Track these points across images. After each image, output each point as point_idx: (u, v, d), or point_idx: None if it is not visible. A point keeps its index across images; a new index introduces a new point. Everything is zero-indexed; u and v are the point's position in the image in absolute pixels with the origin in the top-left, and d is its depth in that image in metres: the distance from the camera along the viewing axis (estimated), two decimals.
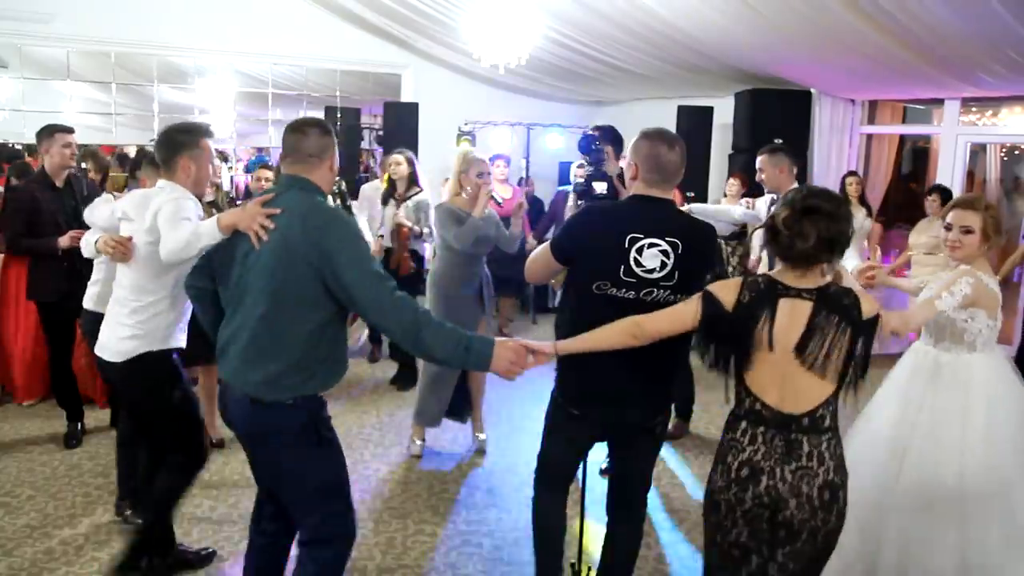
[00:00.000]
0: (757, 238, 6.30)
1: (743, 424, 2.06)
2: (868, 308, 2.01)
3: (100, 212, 3.25)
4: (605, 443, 2.76)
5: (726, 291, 2.06)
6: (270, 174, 5.34)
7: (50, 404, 4.90)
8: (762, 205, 4.55)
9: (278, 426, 2.26)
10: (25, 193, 4.32)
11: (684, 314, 2.12)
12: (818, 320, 1.97)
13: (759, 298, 2.01)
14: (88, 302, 3.50)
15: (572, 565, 2.97)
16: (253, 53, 8.32)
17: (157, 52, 8.01)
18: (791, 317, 1.99)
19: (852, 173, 6.93)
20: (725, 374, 2.10)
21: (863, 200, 6.66)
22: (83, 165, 5.09)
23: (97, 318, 3.11)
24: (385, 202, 5.62)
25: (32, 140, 7.13)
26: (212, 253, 2.43)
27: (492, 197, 4.20)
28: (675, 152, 2.45)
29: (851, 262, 3.88)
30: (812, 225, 1.94)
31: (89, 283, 3.51)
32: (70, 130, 4.33)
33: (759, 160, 4.21)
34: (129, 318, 2.87)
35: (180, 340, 3.01)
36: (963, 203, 2.88)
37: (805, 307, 1.99)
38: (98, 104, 8.40)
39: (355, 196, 6.39)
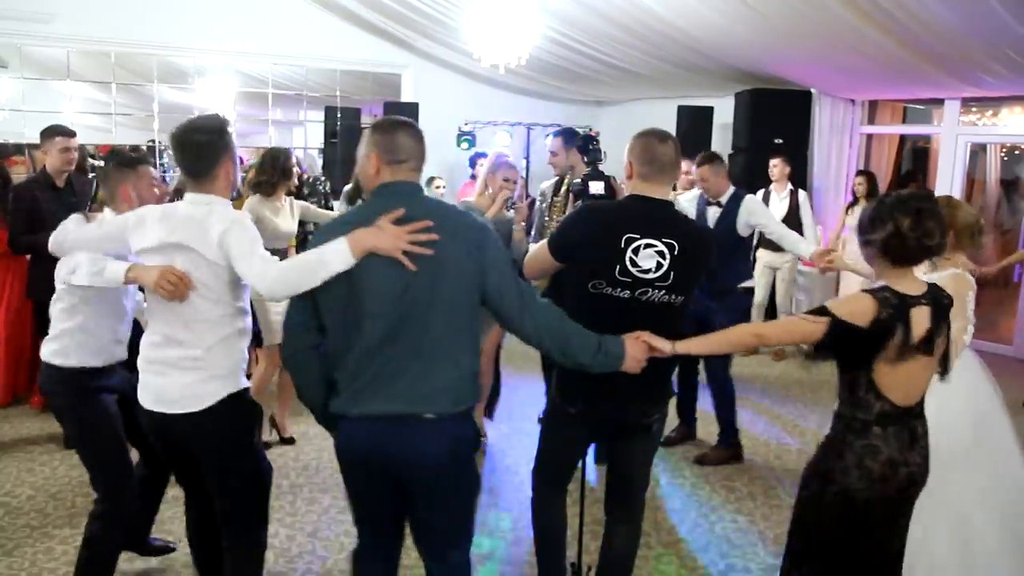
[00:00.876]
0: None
1: (875, 429, 2.19)
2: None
3: (84, 236, 2.56)
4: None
5: (858, 309, 2.13)
6: None
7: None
8: (685, 201, 4.60)
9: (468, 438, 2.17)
10: (26, 192, 4.37)
11: (809, 333, 2.17)
12: (938, 321, 2.18)
13: (896, 313, 2.13)
14: (56, 357, 2.73)
15: (572, 565, 2.97)
16: (253, 53, 8.32)
17: (157, 52, 8.01)
18: (919, 323, 2.15)
19: (861, 172, 6.92)
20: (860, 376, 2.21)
21: (870, 199, 6.63)
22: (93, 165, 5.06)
23: (60, 373, 2.68)
24: (352, 202, 5.61)
25: (31, 139, 7.15)
26: (318, 296, 2.08)
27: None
28: (667, 145, 2.47)
29: (807, 249, 4.14)
30: (934, 223, 2.13)
31: (48, 337, 2.75)
32: (71, 133, 4.34)
33: (699, 172, 4.37)
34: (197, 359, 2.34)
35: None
36: None
37: (926, 312, 2.17)
38: (98, 104, 8.40)
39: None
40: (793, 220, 6.16)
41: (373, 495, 2.20)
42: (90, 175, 4.96)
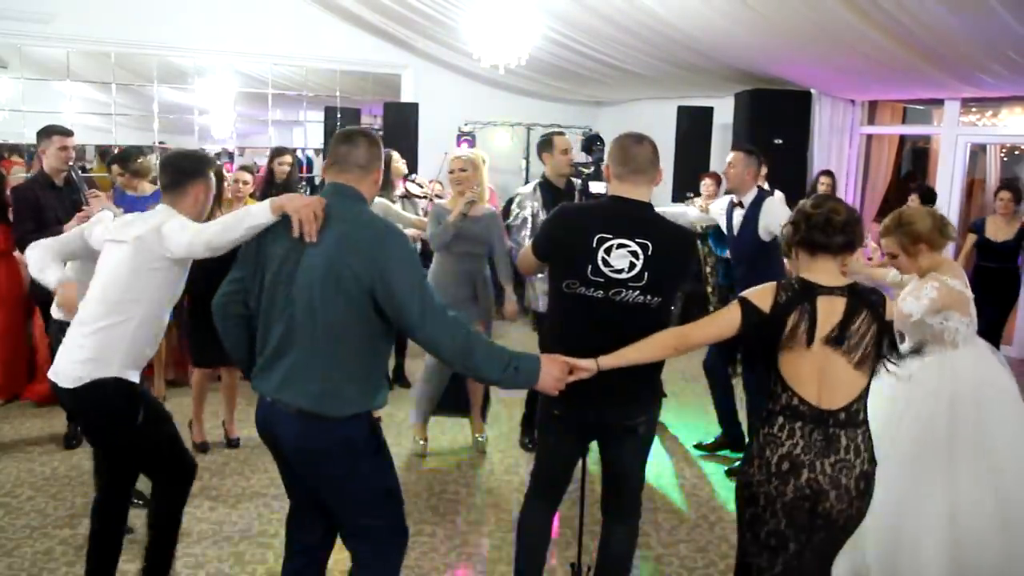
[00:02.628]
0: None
1: (780, 420, 2.15)
2: (889, 309, 2.19)
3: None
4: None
5: (762, 295, 2.17)
6: (248, 176, 5.10)
7: (43, 406, 4.92)
8: (717, 209, 4.50)
9: (346, 439, 2.21)
10: (29, 192, 4.40)
11: (727, 321, 2.20)
12: (852, 313, 2.12)
13: (795, 298, 2.13)
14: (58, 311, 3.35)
15: (572, 565, 2.97)
16: (253, 53, 8.32)
17: (157, 52, 8.01)
18: (828, 314, 2.11)
19: (825, 172, 6.83)
20: (764, 374, 2.22)
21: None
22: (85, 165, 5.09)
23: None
24: None
25: (32, 140, 7.15)
26: (244, 271, 2.34)
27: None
28: (643, 146, 2.48)
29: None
30: (837, 203, 2.19)
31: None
32: (68, 132, 4.35)
33: (732, 156, 4.21)
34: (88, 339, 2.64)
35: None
36: (882, 230, 3.09)
37: (840, 303, 2.13)
38: (98, 104, 8.40)
39: None
40: None
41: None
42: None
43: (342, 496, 2.27)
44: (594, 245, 2.39)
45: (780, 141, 7.16)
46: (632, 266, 2.38)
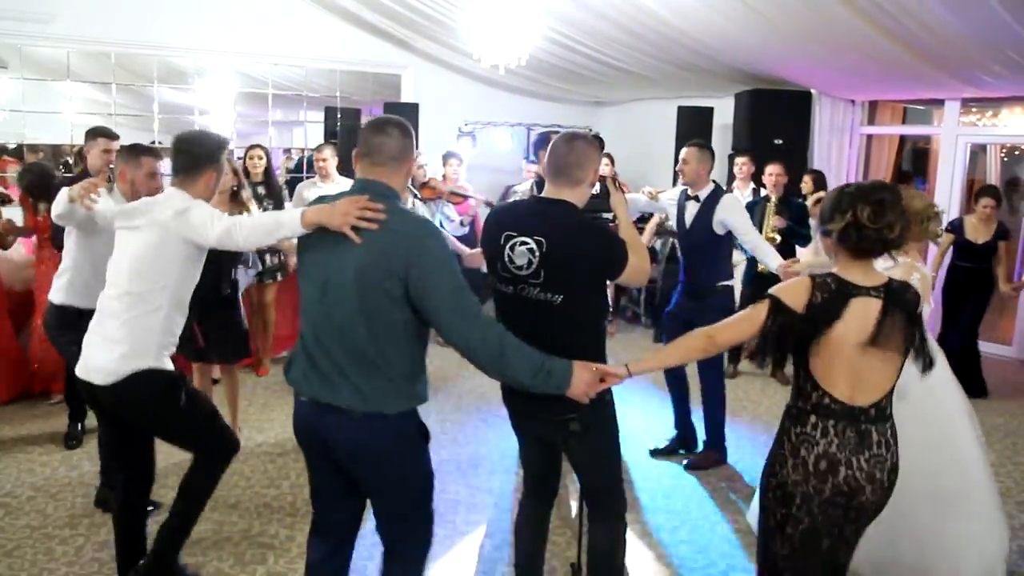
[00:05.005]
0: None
1: (812, 418, 2.14)
2: (920, 303, 2.20)
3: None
4: None
5: (795, 294, 2.12)
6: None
7: (45, 405, 4.92)
8: (667, 198, 4.53)
9: (402, 434, 2.24)
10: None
11: (754, 320, 2.16)
12: (886, 315, 2.09)
13: (831, 299, 2.09)
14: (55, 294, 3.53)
15: (572, 565, 2.97)
16: (253, 53, 8.32)
17: (157, 52, 8.01)
18: (863, 317, 2.08)
19: (810, 171, 6.70)
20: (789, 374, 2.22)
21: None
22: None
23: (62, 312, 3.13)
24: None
25: (32, 140, 7.15)
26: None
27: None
28: (567, 147, 2.45)
29: (775, 261, 4.22)
30: (895, 216, 2.08)
31: (56, 274, 3.54)
32: (113, 136, 4.46)
33: (686, 152, 4.30)
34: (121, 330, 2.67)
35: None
36: None
37: (875, 305, 2.09)
38: (98, 104, 8.39)
39: None
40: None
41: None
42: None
43: (398, 489, 2.31)
44: (502, 242, 2.44)
45: (780, 141, 7.17)
46: (530, 263, 2.39)
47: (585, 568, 2.74)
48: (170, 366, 2.77)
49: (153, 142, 8.49)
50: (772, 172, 5.85)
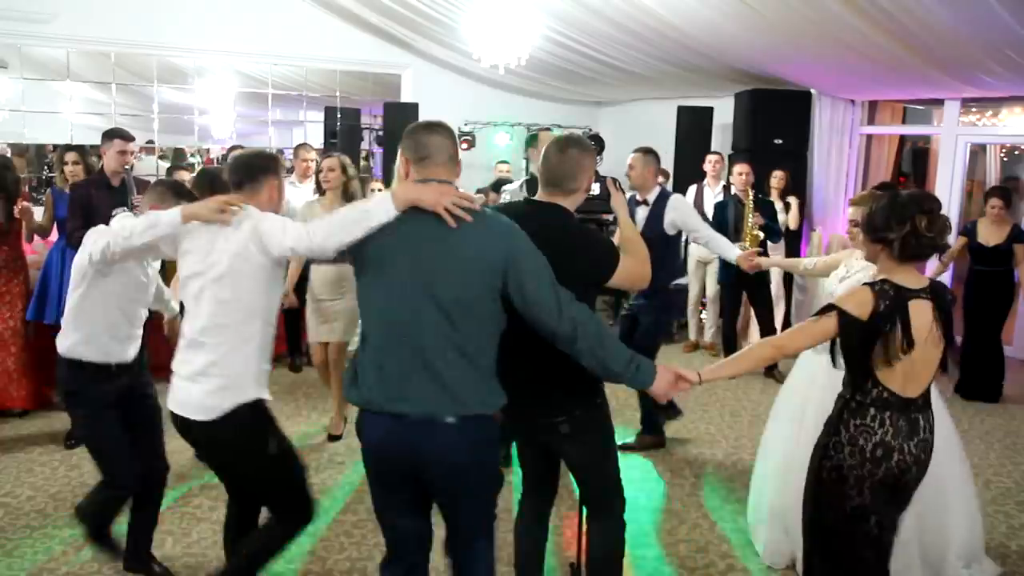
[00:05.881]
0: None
1: (871, 411, 2.32)
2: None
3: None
4: None
5: (859, 302, 2.27)
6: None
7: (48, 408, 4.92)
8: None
9: (493, 436, 2.23)
10: (84, 190, 4.57)
11: (822, 331, 2.32)
12: (938, 315, 2.29)
13: (893, 306, 2.24)
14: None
15: (571, 565, 2.97)
16: (253, 53, 8.32)
17: (157, 52, 8.01)
18: (920, 319, 2.25)
19: (781, 168, 6.60)
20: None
21: (785, 195, 6.49)
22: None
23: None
24: None
25: (32, 140, 7.12)
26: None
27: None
28: (560, 156, 2.42)
29: (732, 252, 4.34)
30: (944, 222, 2.28)
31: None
32: (129, 137, 4.50)
33: (632, 158, 4.40)
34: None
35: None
36: (855, 200, 3.40)
37: (927, 307, 2.27)
38: (98, 104, 8.40)
39: None
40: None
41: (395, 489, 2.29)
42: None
43: (488, 493, 2.31)
44: None
45: (780, 141, 7.17)
46: None
47: (585, 568, 2.74)
48: (267, 395, 2.55)
49: (150, 142, 8.51)
50: (741, 172, 6.03)
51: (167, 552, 3.32)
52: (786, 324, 6.68)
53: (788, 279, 6.88)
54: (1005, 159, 9.41)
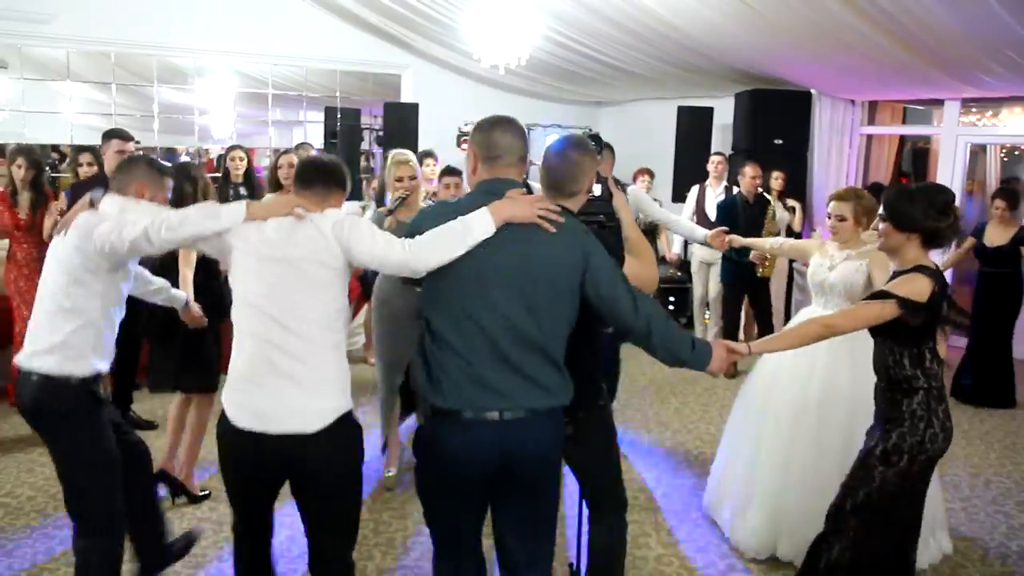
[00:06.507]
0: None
1: (944, 392, 2.52)
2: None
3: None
4: None
5: (918, 289, 2.39)
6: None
7: None
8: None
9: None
10: (84, 190, 4.49)
11: (878, 316, 2.42)
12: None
13: (943, 285, 2.43)
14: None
15: (571, 565, 2.97)
16: (253, 53, 8.32)
17: (157, 52, 8.01)
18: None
19: (781, 168, 6.65)
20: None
21: (783, 195, 6.56)
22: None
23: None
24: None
25: (31, 140, 7.13)
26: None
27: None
28: (559, 159, 2.38)
29: (699, 232, 4.41)
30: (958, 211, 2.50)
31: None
32: (128, 137, 4.50)
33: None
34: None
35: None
36: (837, 195, 3.45)
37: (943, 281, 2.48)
38: (98, 104, 8.40)
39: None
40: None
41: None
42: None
43: (555, 488, 2.36)
44: None
45: (780, 141, 7.17)
46: None
47: (584, 568, 2.74)
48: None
49: (143, 142, 8.50)
50: (754, 175, 6.09)
51: None
52: (785, 324, 6.69)
53: (788, 280, 6.90)
54: (1005, 159, 9.40)
